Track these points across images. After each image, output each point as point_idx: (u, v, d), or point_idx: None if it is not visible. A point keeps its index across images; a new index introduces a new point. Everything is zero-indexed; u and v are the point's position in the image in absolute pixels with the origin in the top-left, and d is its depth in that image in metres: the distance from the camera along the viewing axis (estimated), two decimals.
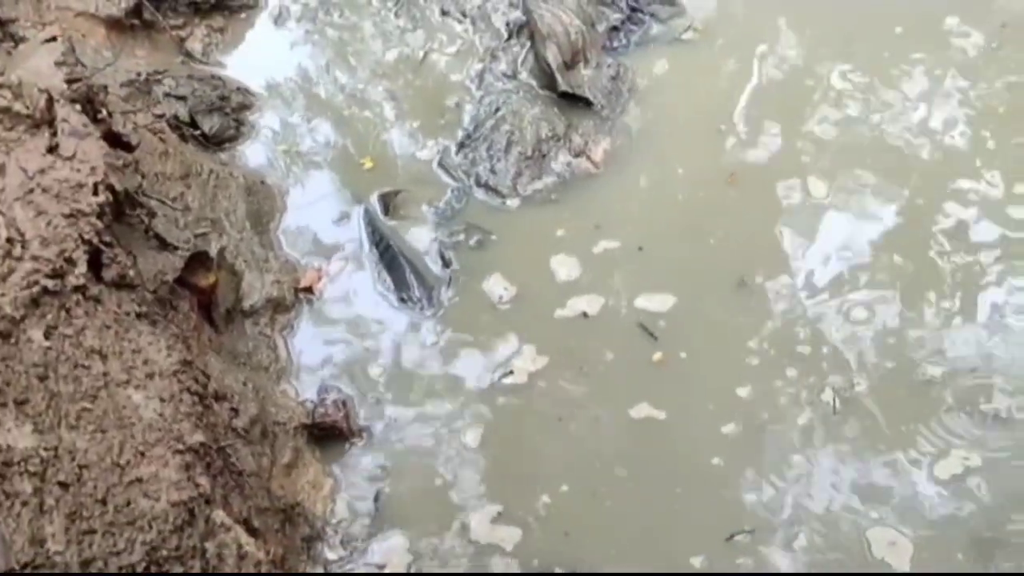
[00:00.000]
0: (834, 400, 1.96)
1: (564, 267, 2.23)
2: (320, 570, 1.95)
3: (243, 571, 1.78)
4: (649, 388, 2.07)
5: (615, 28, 2.36)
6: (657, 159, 2.38)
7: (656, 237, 2.28)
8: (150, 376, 1.89)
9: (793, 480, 1.93)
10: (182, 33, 2.48)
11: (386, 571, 1.94)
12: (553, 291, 2.19)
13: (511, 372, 2.07)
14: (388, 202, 2.19)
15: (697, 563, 1.87)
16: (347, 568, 1.97)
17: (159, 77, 2.37)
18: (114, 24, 2.45)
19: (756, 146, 2.38)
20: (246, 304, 2.16)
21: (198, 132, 2.34)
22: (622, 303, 2.21)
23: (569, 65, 2.29)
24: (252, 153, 2.35)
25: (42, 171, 1.95)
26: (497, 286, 2.12)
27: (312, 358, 2.08)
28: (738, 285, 2.18)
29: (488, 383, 2.08)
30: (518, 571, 1.89)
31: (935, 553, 1.92)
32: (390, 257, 2.13)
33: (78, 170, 1.98)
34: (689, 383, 2.08)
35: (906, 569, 1.95)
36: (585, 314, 2.14)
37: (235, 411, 2.05)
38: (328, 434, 2.02)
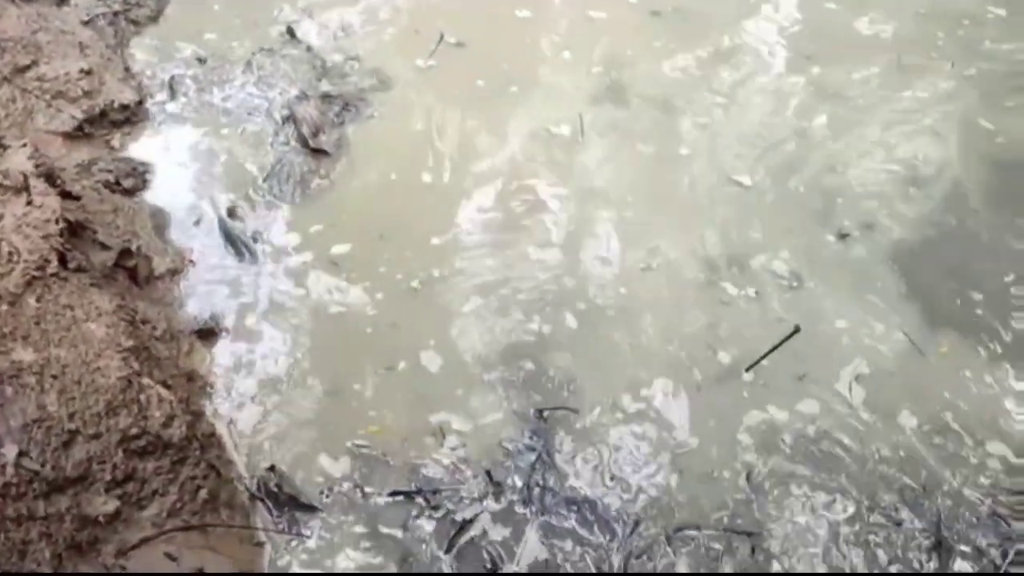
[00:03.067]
0: None
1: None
2: (218, 398, 2.74)
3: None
4: None
5: (336, 114, 3.66)
6: (366, 181, 3.45)
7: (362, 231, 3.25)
8: (99, 314, 2.66)
9: None
10: (108, 137, 3.56)
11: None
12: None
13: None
14: (230, 210, 3.30)
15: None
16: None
17: (96, 160, 3.43)
18: (68, 135, 3.49)
19: (426, 172, 3.52)
20: (156, 273, 3.16)
21: (120, 188, 3.38)
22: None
23: (315, 135, 3.54)
24: (152, 196, 3.40)
25: (24, 215, 2.78)
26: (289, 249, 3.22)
27: (196, 294, 3.08)
28: (420, 284, 3.12)
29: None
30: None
31: None
32: (230, 239, 3.23)
33: (44, 214, 2.81)
34: None
35: None
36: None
37: (154, 327, 2.92)
38: (208, 333, 3.00)
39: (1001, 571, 2.50)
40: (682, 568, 2.50)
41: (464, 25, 4.17)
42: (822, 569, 2.52)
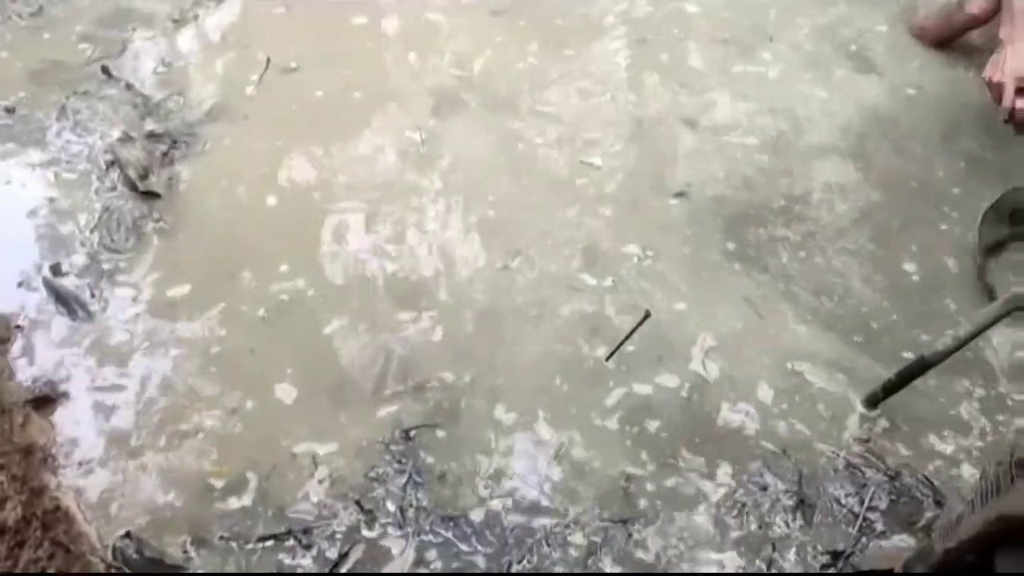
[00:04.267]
0: None
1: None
2: (63, 468, 2.60)
3: None
4: None
5: (164, 153, 3.54)
6: (203, 218, 3.36)
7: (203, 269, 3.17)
8: None
9: None
10: None
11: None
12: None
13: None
14: (54, 268, 3.13)
15: None
16: None
17: None
18: None
19: (268, 198, 3.43)
20: None
21: None
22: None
23: (143, 177, 3.41)
24: None
25: None
26: (125, 300, 3.10)
27: (28, 361, 2.90)
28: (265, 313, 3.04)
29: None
30: None
31: None
32: (59, 297, 3.07)
33: None
34: None
35: None
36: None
37: None
38: (45, 401, 2.83)
39: (859, 516, 2.61)
40: (560, 568, 2.50)
41: (298, 43, 4.10)
42: (699, 544, 2.57)
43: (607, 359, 2.96)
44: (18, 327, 3.04)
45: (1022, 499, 1.37)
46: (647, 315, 2.87)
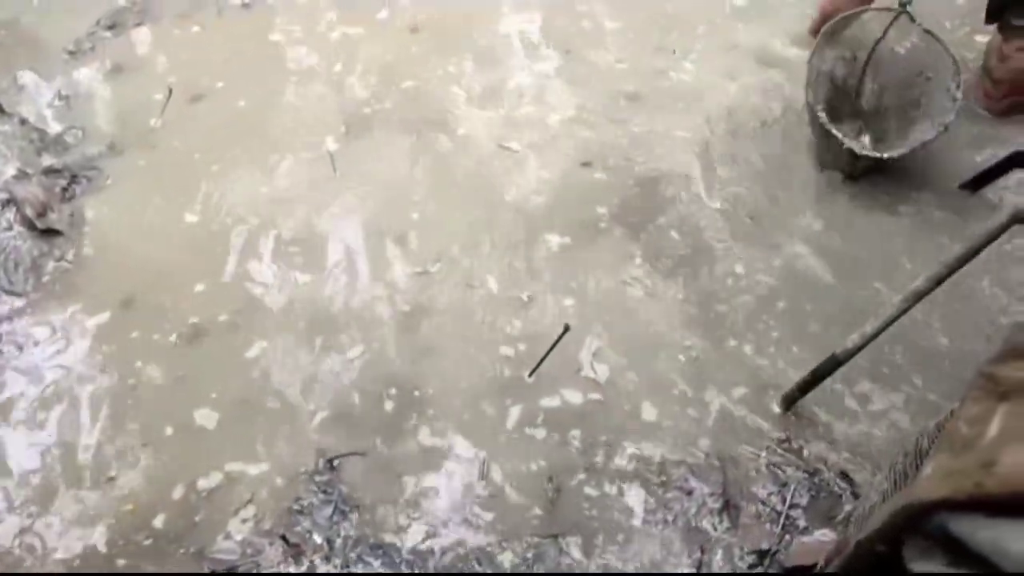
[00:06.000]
0: None
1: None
2: None
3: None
4: None
5: (64, 188, 3.44)
6: (108, 253, 3.28)
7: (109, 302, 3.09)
8: None
9: None
10: None
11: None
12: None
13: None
14: None
15: None
16: None
17: None
18: None
19: (176, 228, 3.38)
20: None
21: None
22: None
23: (41, 215, 3.31)
24: None
25: None
26: (27, 340, 3.02)
27: None
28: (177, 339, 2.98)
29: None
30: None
31: None
32: None
33: None
34: None
35: None
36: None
37: None
38: None
39: (782, 514, 2.65)
40: None
41: (207, 68, 4.04)
42: (627, 551, 2.58)
43: (530, 375, 2.96)
44: None
45: (926, 487, 1.42)
46: (566, 329, 2.89)
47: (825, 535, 2.63)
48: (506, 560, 2.61)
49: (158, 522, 2.62)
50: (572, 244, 3.43)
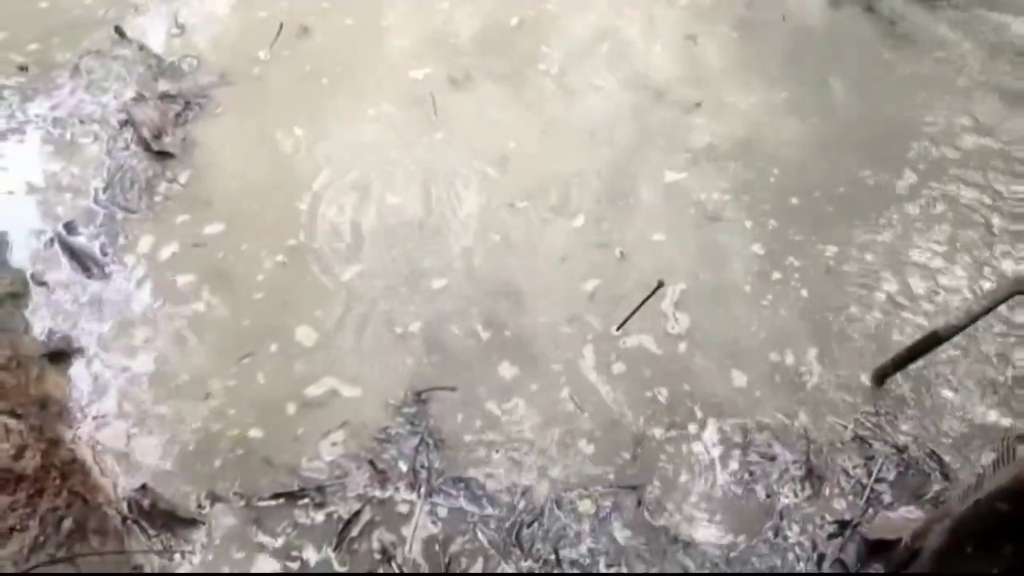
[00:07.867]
0: None
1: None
2: (78, 421, 2.61)
3: None
4: None
5: (178, 114, 3.52)
6: (216, 179, 3.34)
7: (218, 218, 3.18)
8: None
9: None
10: None
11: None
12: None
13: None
14: (68, 226, 3.13)
15: None
16: None
17: None
18: None
19: (279, 162, 3.45)
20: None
21: None
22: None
23: (157, 137, 3.39)
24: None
25: None
26: (139, 257, 3.08)
27: (43, 316, 2.92)
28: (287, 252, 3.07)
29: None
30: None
31: None
32: (74, 255, 3.07)
33: None
34: None
35: None
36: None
37: None
38: (60, 355, 2.84)
39: (867, 487, 2.61)
40: (573, 529, 2.52)
41: (305, 10, 4.05)
42: (704, 509, 2.58)
43: (617, 329, 2.97)
44: (42, 283, 3.03)
45: None
46: (660, 284, 2.88)
47: (911, 512, 2.59)
48: (583, 507, 2.63)
49: (255, 433, 2.71)
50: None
